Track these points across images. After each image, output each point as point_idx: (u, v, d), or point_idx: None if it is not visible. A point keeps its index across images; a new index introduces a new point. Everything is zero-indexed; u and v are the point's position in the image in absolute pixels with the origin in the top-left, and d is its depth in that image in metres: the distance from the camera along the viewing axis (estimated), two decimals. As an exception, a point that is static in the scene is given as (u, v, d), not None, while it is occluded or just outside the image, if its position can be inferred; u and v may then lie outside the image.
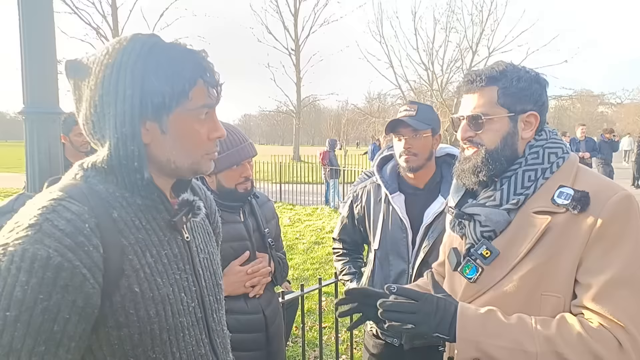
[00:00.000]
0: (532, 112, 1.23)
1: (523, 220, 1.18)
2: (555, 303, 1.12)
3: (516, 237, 1.17)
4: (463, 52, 23.24)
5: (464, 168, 1.26)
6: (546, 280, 1.12)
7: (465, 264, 1.23)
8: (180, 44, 0.91)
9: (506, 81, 1.21)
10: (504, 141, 1.22)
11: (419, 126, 1.86)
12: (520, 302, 1.15)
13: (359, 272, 2.18)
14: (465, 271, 1.24)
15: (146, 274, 0.87)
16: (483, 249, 1.20)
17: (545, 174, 1.20)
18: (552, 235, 1.13)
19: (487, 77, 1.22)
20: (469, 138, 1.25)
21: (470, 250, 1.24)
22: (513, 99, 1.21)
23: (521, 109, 1.22)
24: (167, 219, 0.94)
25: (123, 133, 0.85)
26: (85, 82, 0.89)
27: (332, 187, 11.41)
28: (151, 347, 0.87)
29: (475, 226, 1.23)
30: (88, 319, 0.79)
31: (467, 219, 1.26)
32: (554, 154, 1.22)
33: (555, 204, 1.14)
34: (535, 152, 1.22)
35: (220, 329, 1.05)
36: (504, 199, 1.20)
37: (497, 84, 1.22)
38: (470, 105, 1.25)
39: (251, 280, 1.82)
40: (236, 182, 1.81)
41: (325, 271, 5.92)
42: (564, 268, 1.11)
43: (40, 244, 0.74)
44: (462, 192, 1.33)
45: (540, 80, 1.25)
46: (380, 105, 32.20)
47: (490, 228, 1.20)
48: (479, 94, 1.23)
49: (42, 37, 1.79)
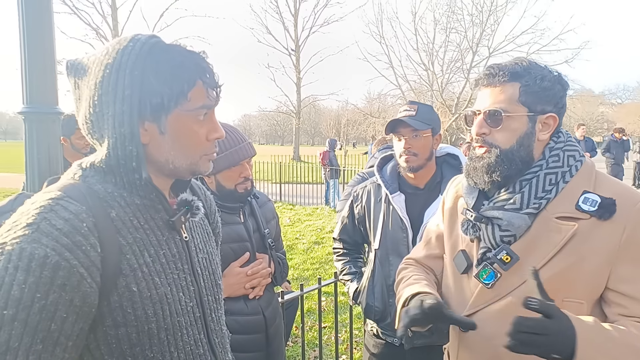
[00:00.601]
0: (552, 114, 1.18)
1: (544, 225, 1.14)
2: (578, 309, 1.09)
3: (537, 242, 1.14)
4: (463, 53, 23.27)
5: (476, 166, 1.21)
6: (568, 286, 1.10)
7: (483, 269, 1.19)
8: (179, 44, 0.91)
9: (529, 78, 1.16)
10: (520, 141, 1.17)
11: (419, 126, 1.86)
12: None
13: (359, 272, 2.18)
14: (482, 276, 1.19)
15: (144, 273, 0.87)
16: (503, 254, 1.15)
17: (566, 177, 1.16)
18: (576, 241, 1.10)
19: (510, 72, 1.16)
20: (483, 135, 1.20)
21: (486, 255, 1.19)
22: (535, 98, 1.16)
23: (541, 109, 1.17)
24: (165, 219, 0.94)
25: (121, 133, 0.85)
26: (85, 82, 0.89)
27: (332, 187, 11.42)
28: (149, 347, 0.87)
29: (494, 230, 1.18)
30: (85, 318, 0.79)
31: (485, 222, 1.20)
32: (572, 157, 1.19)
33: (580, 210, 1.11)
34: (556, 155, 1.18)
35: (219, 328, 1.05)
36: (525, 202, 1.16)
37: (519, 80, 1.16)
38: (488, 100, 1.19)
39: (251, 282, 1.81)
40: (235, 182, 1.80)
41: (325, 271, 5.92)
42: (588, 274, 1.09)
43: (37, 243, 0.74)
44: (477, 194, 1.27)
45: (562, 82, 1.20)
46: (380, 105, 32.21)
47: (511, 233, 1.16)
48: (500, 89, 1.18)
49: (41, 37, 1.79)
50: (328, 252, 6.72)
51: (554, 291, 1.09)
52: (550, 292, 1.05)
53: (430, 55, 24.06)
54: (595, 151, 9.64)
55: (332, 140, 12.74)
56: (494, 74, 1.18)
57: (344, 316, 4.36)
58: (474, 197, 1.27)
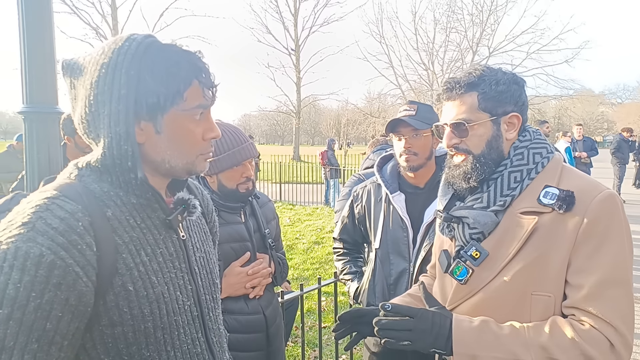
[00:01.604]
0: (514, 113, 1.24)
1: (510, 221, 1.19)
2: (546, 302, 1.12)
3: (504, 238, 1.18)
4: (463, 52, 23.27)
5: (454, 174, 1.28)
6: (536, 280, 1.13)
7: (456, 266, 1.24)
8: (176, 44, 0.91)
9: (485, 86, 1.22)
10: (489, 145, 1.23)
11: (419, 125, 1.86)
12: (511, 302, 1.15)
13: (360, 271, 2.18)
14: (455, 273, 1.24)
15: (140, 272, 0.87)
16: (472, 250, 1.21)
17: (531, 174, 1.21)
18: (539, 235, 1.14)
19: (465, 83, 1.23)
20: (455, 145, 1.26)
21: (459, 252, 1.24)
22: (494, 103, 1.22)
23: (502, 111, 1.23)
24: (162, 218, 0.94)
25: (117, 133, 0.85)
26: (81, 81, 0.89)
27: (332, 187, 11.42)
28: (145, 346, 0.87)
29: (464, 228, 1.24)
30: (81, 317, 0.79)
31: (455, 222, 1.27)
32: (539, 154, 1.23)
33: (541, 204, 1.15)
34: (520, 153, 1.23)
35: (216, 327, 1.05)
36: (491, 200, 1.22)
37: (476, 89, 1.23)
38: (452, 113, 1.26)
39: (252, 281, 1.82)
40: (237, 182, 1.81)
41: (325, 271, 5.92)
42: (553, 267, 1.12)
43: (33, 242, 0.74)
44: (450, 195, 1.34)
45: (518, 81, 1.26)
46: (380, 105, 32.21)
47: (479, 230, 1.21)
48: (460, 100, 1.24)
49: (41, 37, 1.79)
50: (328, 252, 6.72)
51: (523, 285, 1.14)
52: (519, 286, 1.14)
53: (430, 54, 24.07)
54: (596, 150, 9.61)
55: (330, 140, 12.75)
56: (451, 87, 1.26)
57: (344, 316, 4.35)
58: (446, 198, 1.35)
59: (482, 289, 1.20)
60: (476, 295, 1.21)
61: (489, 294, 1.18)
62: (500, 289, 1.17)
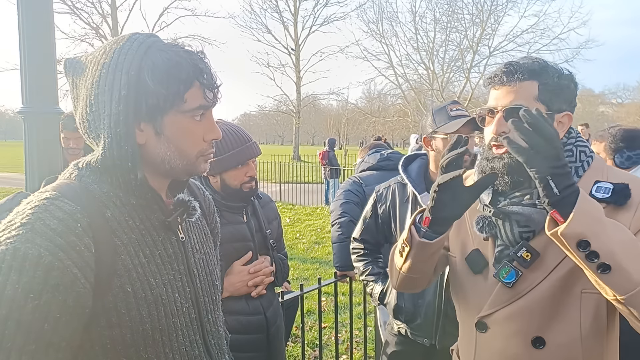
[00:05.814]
0: (567, 112, 1.18)
1: None
2: (597, 299, 1.08)
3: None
4: (463, 52, 23.27)
5: (495, 166, 1.17)
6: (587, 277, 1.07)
7: (503, 268, 1.16)
8: (178, 44, 0.91)
9: (547, 77, 1.15)
10: None
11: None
12: (560, 302, 1.11)
13: (383, 272, 2.15)
14: (502, 275, 1.16)
15: (139, 274, 0.87)
16: (523, 252, 1.13)
17: (579, 172, 1.16)
18: None
19: (528, 70, 1.15)
20: (503, 133, 1.14)
21: (504, 253, 1.17)
22: (552, 97, 1.15)
23: (558, 107, 1.16)
24: (161, 219, 0.93)
25: (117, 133, 0.85)
26: (83, 81, 0.88)
27: (332, 187, 11.42)
28: (143, 348, 0.87)
29: (513, 226, 1.16)
30: (79, 318, 0.79)
31: (502, 219, 1.18)
32: (584, 152, 1.19)
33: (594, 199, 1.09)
34: (569, 150, 1.18)
35: (215, 329, 1.05)
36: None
37: (538, 78, 1.15)
38: (508, 98, 1.16)
39: (254, 279, 1.81)
40: (241, 181, 1.81)
41: (325, 271, 5.92)
42: None
43: (31, 243, 0.74)
44: (492, 190, 1.24)
45: (575, 81, 1.20)
46: (380, 104, 32.20)
47: (531, 228, 1.14)
48: (518, 87, 1.15)
49: (41, 37, 1.79)
50: (328, 252, 6.72)
51: (572, 284, 1.10)
52: (569, 285, 1.09)
53: (430, 54, 24.07)
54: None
55: (331, 140, 12.74)
56: (512, 71, 1.15)
57: (344, 316, 4.37)
58: (489, 193, 1.23)
59: (530, 291, 1.14)
60: (522, 298, 1.15)
61: (537, 295, 1.12)
62: (549, 290, 1.12)
